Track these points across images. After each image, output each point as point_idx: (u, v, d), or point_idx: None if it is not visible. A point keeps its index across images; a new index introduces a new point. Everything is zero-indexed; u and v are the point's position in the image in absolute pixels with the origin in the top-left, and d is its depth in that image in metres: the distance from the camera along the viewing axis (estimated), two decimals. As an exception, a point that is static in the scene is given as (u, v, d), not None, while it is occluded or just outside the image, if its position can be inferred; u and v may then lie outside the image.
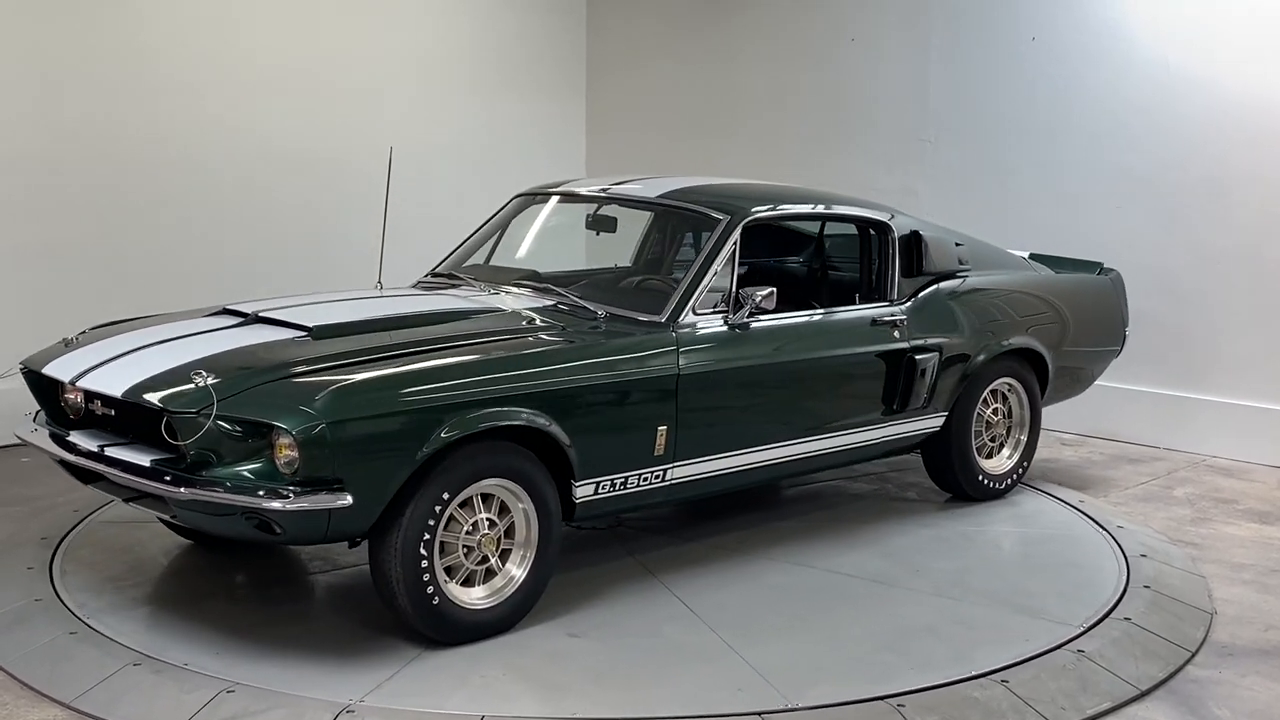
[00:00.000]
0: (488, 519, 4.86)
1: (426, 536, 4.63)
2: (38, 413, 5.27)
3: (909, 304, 6.27)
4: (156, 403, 4.59)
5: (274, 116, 8.54)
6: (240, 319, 5.31)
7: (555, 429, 4.91)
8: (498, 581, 4.94)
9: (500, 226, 6.54)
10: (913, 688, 4.56)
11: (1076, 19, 8.22)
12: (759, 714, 4.34)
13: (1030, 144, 8.48)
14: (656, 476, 5.32)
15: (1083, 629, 5.09)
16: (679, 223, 6.45)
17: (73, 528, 5.97)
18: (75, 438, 4.95)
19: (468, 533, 4.81)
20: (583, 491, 5.11)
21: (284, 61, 8.57)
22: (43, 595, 5.20)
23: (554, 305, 5.61)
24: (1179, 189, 7.93)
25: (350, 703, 4.33)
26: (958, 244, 6.60)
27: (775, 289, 5.55)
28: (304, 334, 5.05)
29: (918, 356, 6.15)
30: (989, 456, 6.79)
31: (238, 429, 4.46)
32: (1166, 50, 7.88)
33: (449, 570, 4.79)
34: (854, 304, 6.29)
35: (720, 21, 9.79)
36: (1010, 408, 6.83)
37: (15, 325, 5.71)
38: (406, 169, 9.11)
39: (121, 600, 5.17)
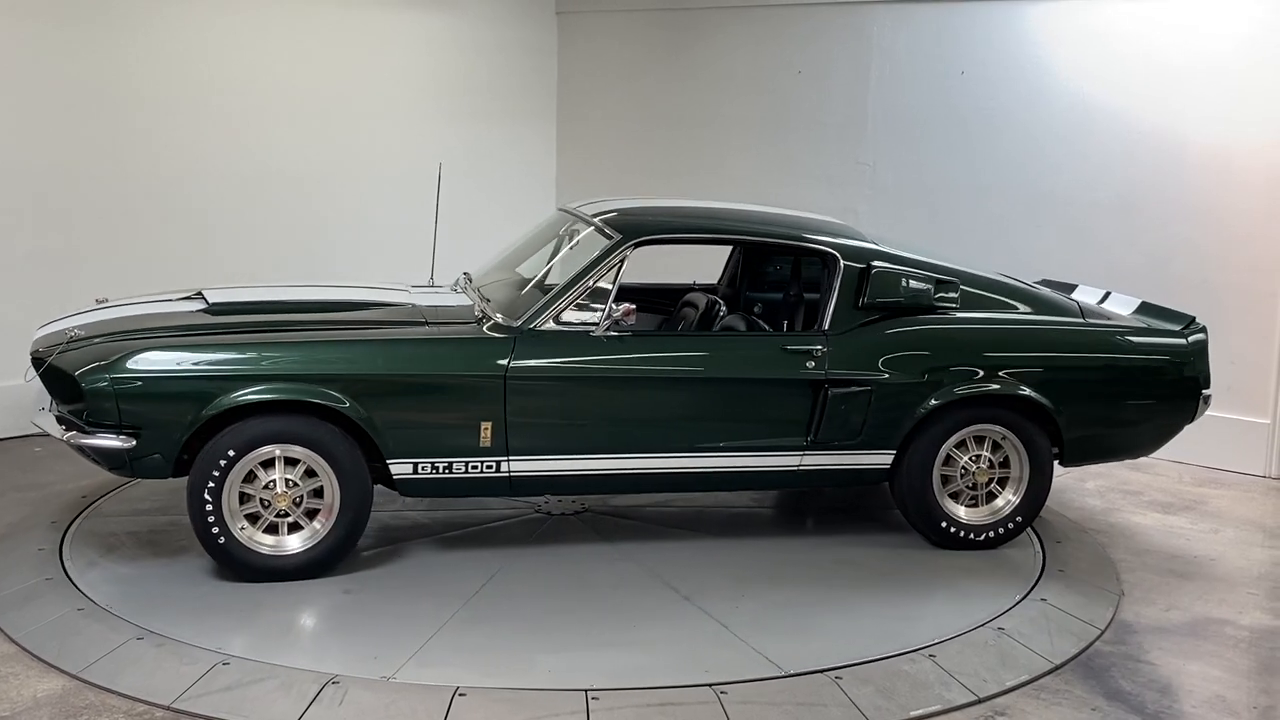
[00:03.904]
0: (288, 479, 5.04)
1: (211, 485, 4.94)
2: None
3: (844, 335, 5.58)
4: (31, 350, 5.24)
5: (269, 137, 8.47)
6: (192, 295, 5.80)
7: (355, 410, 5.03)
8: (295, 536, 5.13)
9: (548, 238, 6.23)
10: (849, 661, 4.59)
11: (1002, 55, 8.25)
12: (334, 676, 4.30)
13: (958, 168, 8.51)
14: (489, 467, 5.26)
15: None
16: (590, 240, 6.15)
17: (81, 512, 5.92)
18: None
19: (266, 488, 5.03)
20: (399, 470, 5.18)
21: (279, 88, 8.49)
22: (53, 574, 5.16)
23: (470, 305, 5.70)
24: (1092, 210, 7.98)
25: (335, 674, 4.31)
26: (942, 279, 5.74)
27: (634, 306, 5.36)
28: (204, 309, 5.55)
29: (836, 390, 5.49)
30: (972, 504, 5.83)
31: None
32: (1082, 85, 7.93)
33: (255, 517, 5.06)
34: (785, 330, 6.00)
35: (680, 55, 9.78)
36: (1007, 458, 5.80)
37: (31, 326, 5.68)
38: (390, 186, 9.14)
39: (126, 579, 5.14)
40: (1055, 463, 5.90)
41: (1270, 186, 7.31)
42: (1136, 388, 5.95)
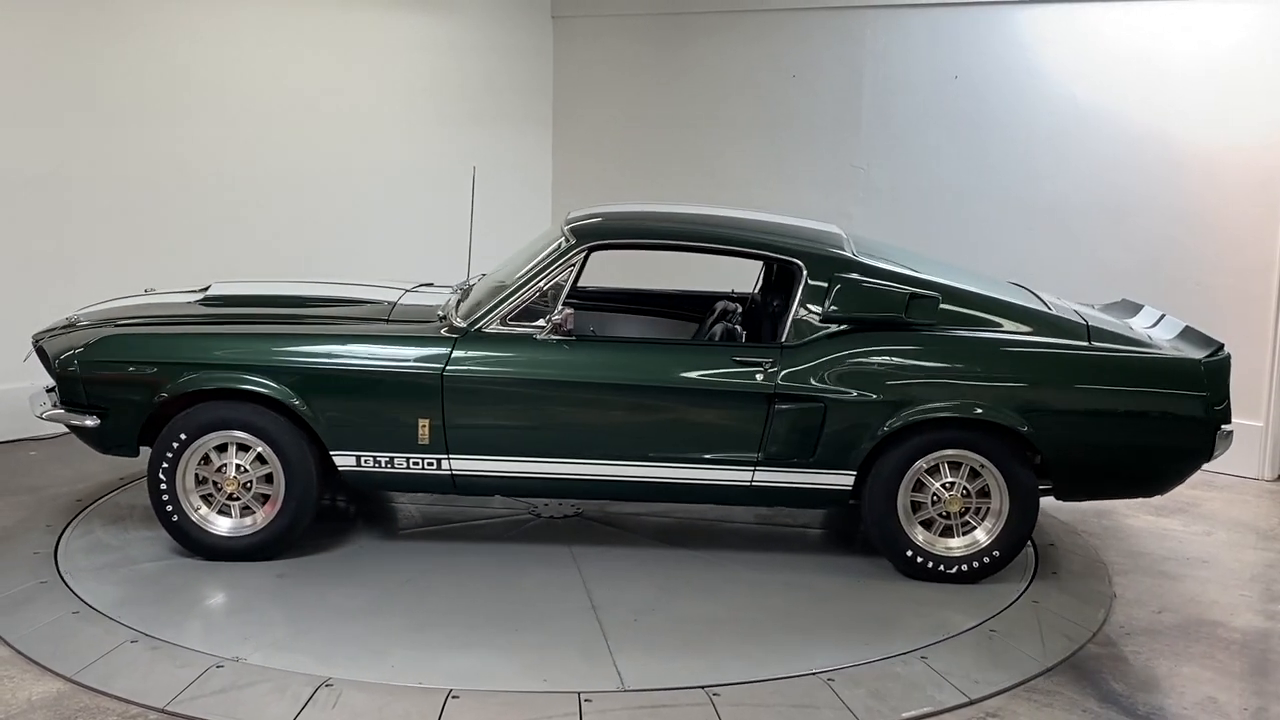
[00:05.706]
0: (237, 464, 5.30)
1: (165, 465, 5.26)
2: None
3: (800, 348, 5.30)
4: (34, 334, 5.65)
5: (264, 140, 8.47)
6: (205, 287, 6.14)
7: (296, 401, 5.24)
8: (240, 520, 5.36)
9: (546, 242, 6.04)
10: (842, 665, 4.60)
11: (995, 60, 8.26)
12: (328, 678, 4.31)
13: (951, 171, 8.52)
14: (431, 464, 5.31)
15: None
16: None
17: (76, 515, 5.91)
18: None
19: (218, 471, 5.30)
20: (342, 461, 5.33)
21: (273, 91, 8.48)
22: (47, 578, 5.17)
23: (435, 306, 5.75)
24: (1084, 213, 8.00)
25: (330, 676, 4.32)
26: (919, 293, 5.38)
27: (572, 310, 5.32)
28: (200, 300, 5.96)
29: (785, 405, 5.24)
30: (946, 534, 5.44)
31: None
32: (1074, 88, 7.94)
33: (210, 498, 5.34)
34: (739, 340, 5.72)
35: (675, 59, 9.79)
36: (987, 488, 5.38)
37: (25, 329, 5.73)
38: (386, 189, 9.15)
39: (120, 582, 5.15)
40: (1050, 496, 5.52)
41: (1262, 189, 7.32)
42: (1136, 419, 5.43)
